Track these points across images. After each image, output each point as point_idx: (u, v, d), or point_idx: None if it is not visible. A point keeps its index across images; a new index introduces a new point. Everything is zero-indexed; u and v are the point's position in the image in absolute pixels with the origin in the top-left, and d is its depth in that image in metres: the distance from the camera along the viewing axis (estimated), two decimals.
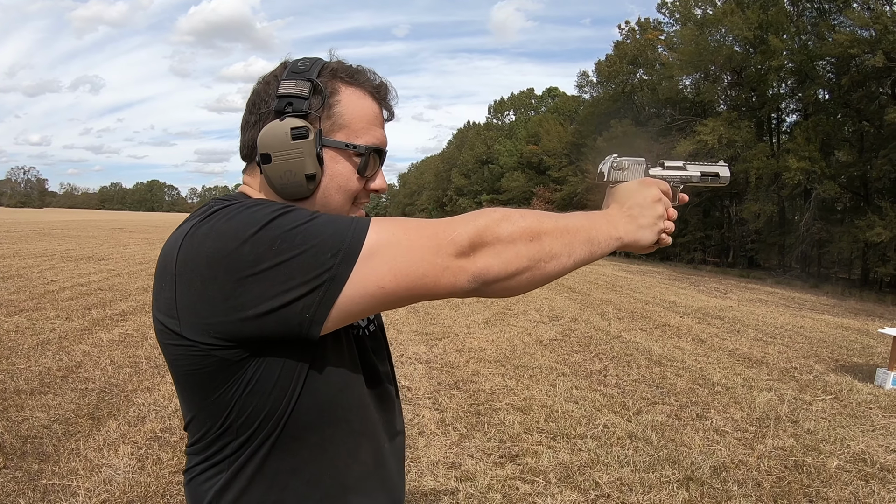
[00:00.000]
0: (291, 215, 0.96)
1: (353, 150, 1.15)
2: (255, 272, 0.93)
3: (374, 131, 1.19)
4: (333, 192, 1.16)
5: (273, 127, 1.10)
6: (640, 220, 1.26)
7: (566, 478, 4.49)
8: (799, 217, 30.40)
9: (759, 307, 15.57)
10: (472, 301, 13.23)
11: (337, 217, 1.01)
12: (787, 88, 31.58)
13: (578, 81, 52.46)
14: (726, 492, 4.37)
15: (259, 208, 0.97)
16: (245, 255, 0.93)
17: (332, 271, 0.95)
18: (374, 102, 1.20)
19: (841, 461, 5.03)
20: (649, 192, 1.28)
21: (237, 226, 0.95)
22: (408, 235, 0.99)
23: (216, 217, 0.98)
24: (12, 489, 3.88)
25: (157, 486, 4.01)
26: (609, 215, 1.24)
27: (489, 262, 1.01)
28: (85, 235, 30.19)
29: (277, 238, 0.93)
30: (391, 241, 0.97)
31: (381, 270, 0.96)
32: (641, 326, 11.13)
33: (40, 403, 5.38)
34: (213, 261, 0.94)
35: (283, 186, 1.12)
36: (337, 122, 1.14)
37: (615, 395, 6.60)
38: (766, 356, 9.04)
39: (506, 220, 1.03)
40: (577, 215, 1.17)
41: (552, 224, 1.09)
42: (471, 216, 1.03)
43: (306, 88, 1.11)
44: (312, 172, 1.11)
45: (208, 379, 1.03)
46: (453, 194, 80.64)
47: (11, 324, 8.38)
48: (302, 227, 0.95)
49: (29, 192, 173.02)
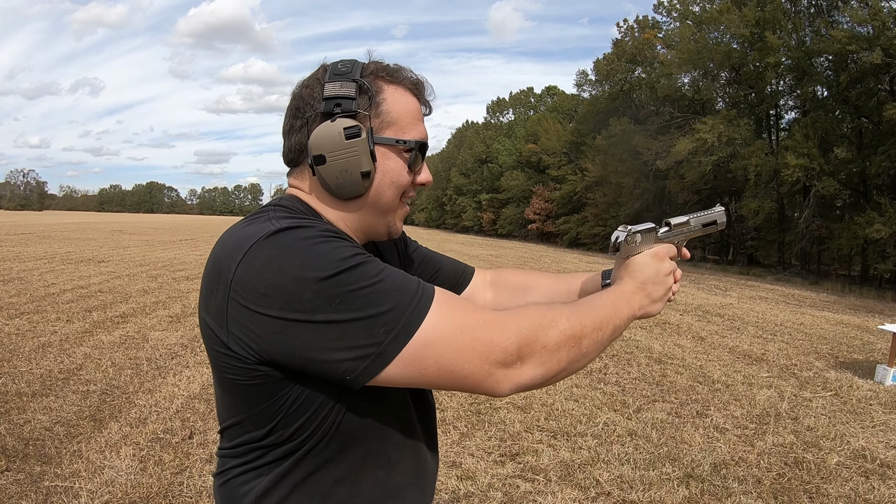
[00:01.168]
0: (358, 272, 0.96)
1: (404, 146, 1.18)
2: (309, 320, 0.94)
3: (418, 126, 1.22)
4: (386, 188, 1.19)
5: (325, 128, 1.11)
6: (654, 294, 1.34)
7: (567, 476, 4.50)
8: (798, 214, 30.42)
9: (758, 304, 15.58)
10: None
11: (401, 284, 1.00)
12: (785, 85, 31.61)
13: (577, 80, 52.61)
14: (726, 489, 4.38)
15: (327, 249, 0.97)
16: (304, 300, 0.94)
17: (381, 347, 0.95)
18: (414, 98, 1.23)
19: (841, 458, 5.04)
20: (662, 268, 1.35)
21: (301, 265, 0.95)
22: (463, 335, 0.98)
23: (281, 243, 0.98)
24: (14, 491, 3.89)
25: (159, 488, 4.02)
26: (626, 295, 1.28)
27: (534, 372, 1.03)
28: (85, 238, 30.16)
29: (339, 296, 0.94)
30: (445, 338, 0.97)
31: (428, 362, 0.97)
32: (641, 324, 11.12)
33: (42, 406, 5.39)
34: (271, 293, 0.95)
35: (339, 186, 1.15)
36: (385, 120, 1.17)
37: (615, 394, 6.61)
38: (766, 353, 9.05)
39: (552, 326, 1.05)
40: (605, 303, 1.21)
41: (591, 323, 1.12)
42: (520, 317, 1.04)
43: (352, 89, 1.13)
44: (367, 170, 1.14)
45: (254, 391, 1.04)
46: (452, 193, 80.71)
47: (12, 326, 8.39)
48: (364, 291, 0.95)
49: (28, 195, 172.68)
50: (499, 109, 76.79)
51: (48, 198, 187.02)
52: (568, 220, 49.70)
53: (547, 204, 54.68)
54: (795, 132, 27.54)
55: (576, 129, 51.09)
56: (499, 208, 66.11)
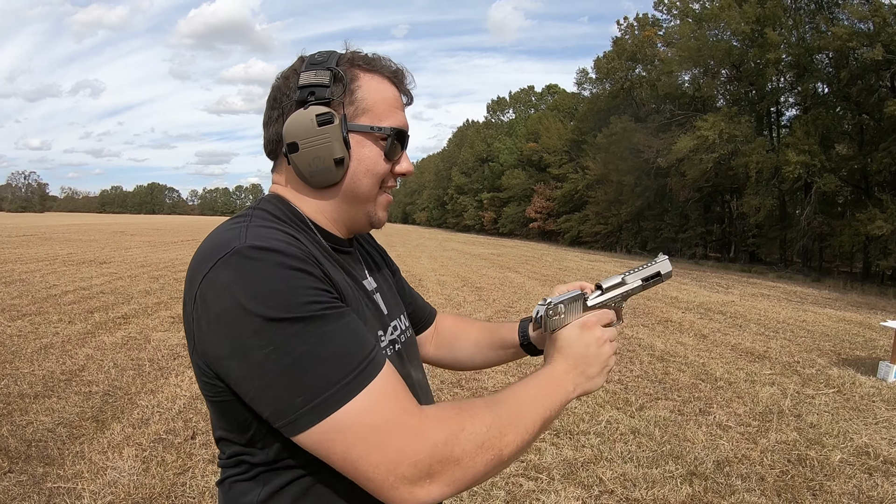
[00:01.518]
0: (304, 325, 0.92)
1: (379, 133, 1.16)
2: (242, 358, 0.93)
3: (396, 114, 1.20)
4: (361, 177, 1.17)
5: (298, 115, 1.11)
6: (589, 371, 1.21)
7: (569, 474, 4.50)
8: (800, 211, 30.42)
9: (760, 302, 15.57)
10: (474, 299, 13.26)
11: (348, 349, 0.94)
12: (785, 82, 31.61)
13: (578, 78, 52.70)
14: (730, 486, 4.37)
15: (285, 286, 0.93)
16: (244, 335, 0.92)
17: (296, 416, 0.92)
18: (392, 87, 1.21)
19: (844, 454, 5.03)
20: (592, 338, 1.23)
21: (253, 298, 0.92)
22: (379, 435, 0.91)
23: (242, 266, 0.95)
24: (17, 493, 3.89)
25: (162, 488, 4.02)
26: (557, 378, 1.18)
27: (441, 490, 0.95)
28: (86, 239, 30.20)
29: (273, 344, 0.91)
30: (360, 431, 0.91)
31: (336, 448, 0.92)
32: (643, 322, 11.12)
33: (44, 407, 5.39)
34: (221, 317, 0.94)
35: (312, 174, 1.14)
36: (360, 107, 1.15)
37: (618, 392, 6.60)
38: (769, 351, 9.04)
39: (469, 438, 0.96)
40: (533, 395, 1.11)
41: (514, 428, 1.03)
42: (438, 425, 0.95)
43: (327, 77, 1.13)
44: (341, 156, 1.12)
45: (222, 405, 1.04)
46: (454, 192, 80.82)
47: (14, 328, 8.39)
48: (300, 350, 0.91)
49: (29, 197, 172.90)
50: (499, 108, 76.82)
51: (49, 199, 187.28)
52: (569, 218, 49.75)
53: (548, 202, 54.73)
54: (796, 129, 27.52)
55: (576, 128, 51.14)
56: (500, 207, 66.17)
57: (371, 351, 0.97)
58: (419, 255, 27.47)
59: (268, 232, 1.02)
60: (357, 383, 0.92)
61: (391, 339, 1.24)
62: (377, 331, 1.17)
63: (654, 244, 39.92)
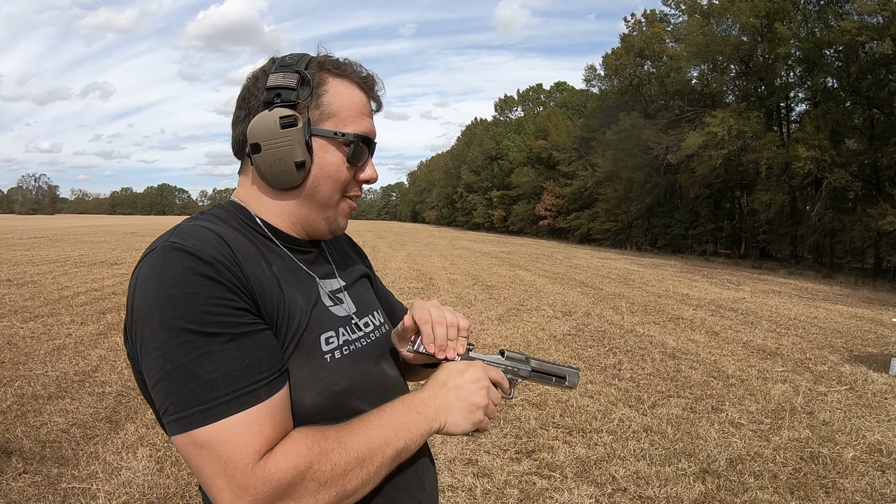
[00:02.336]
0: (193, 338, 0.93)
1: (342, 139, 1.16)
2: (142, 351, 0.95)
3: (362, 120, 1.19)
4: (323, 182, 1.17)
5: (262, 117, 1.12)
6: (456, 403, 1.17)
7: (583, 472, 4.50)
8: (810, 207, 30.29)
9: (772, 298, 15.52)
10: (485, 297, 13.25)
11: (231, 370, 0.94)
12: (795, 77, 31.48)
13: (586, 75, 52.51)
14: (742, 484, 4.36)
15: (186, 293, 0.94)
16: (145, 332, 0.94)
17: (167, 420, 0.94)
18: (361, 93, 1.21)
19: (857, 452, 5.01)
20: (473, 376, 1.20)
21: (156, 299, 0.94)
22: (226, 467, 0.91)
23: (157, 265, 0.97)
24: (32, 493, 3.91)
25: (177, 488, 4.04)
26: (419, 405, 1.14)
27: None
28: (97, 241, 30.35)
29: (162, 348, 0.92)
30: (211, 457, 0.91)
31: (191, 460, 0.94)
32: (655, 320, 11.11)
33: (58, 408, 5.42)
34: (134, 310, 0.97)
35: (273, 175, 1.13)
36: (325, 112, 1.15)
37: (630, 389, 6.60)
38: (781, 347, 9.01)
39: (310, 476, 0.95)
40: (386, 424, 1.08)
41: (357, 466, 1.00)
42: (285, 465, 0.93)
43: (294, 80, 1.13)
44: (301, 160, 1.12)
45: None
46: (463, 191, 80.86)
47: (27, 330, 8.44)
48: (181, 360, 0.92)
49: (40, 199, 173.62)
50: (508, 106, 76.77)
51: (60, 201, 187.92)
52: (579, 215, 49.73)
53: (557, 200, 54.68)
54: (806, 124, 27.43)
55: (585, 125, 51.02)
56: (509, 205, 66.18)
57: (251, 382, 0.96)
58: (429, 254, 27.49)
59: (198, 231, 1.03)
60: (219, 411, 0.92)
61: (358, 335, 1.22)
62: (328, 331, 1.14)
63: (663, 241, 39.87)
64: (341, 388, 1.12)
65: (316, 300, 1.17)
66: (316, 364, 1.09)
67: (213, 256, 0.98)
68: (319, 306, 1.17)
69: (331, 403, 1.10)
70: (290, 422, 1.01)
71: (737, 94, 34.04)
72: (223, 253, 1.00)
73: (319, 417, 1.07)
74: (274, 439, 0.95)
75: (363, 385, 1.18)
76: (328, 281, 1.25)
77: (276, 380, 0.99)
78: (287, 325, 1.06)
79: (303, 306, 1.12)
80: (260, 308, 1.02)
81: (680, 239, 38.85)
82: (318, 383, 1.09)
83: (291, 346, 1.06)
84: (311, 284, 1.19)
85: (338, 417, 1.09)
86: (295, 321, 1.08)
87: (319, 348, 1.11)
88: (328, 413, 1.09)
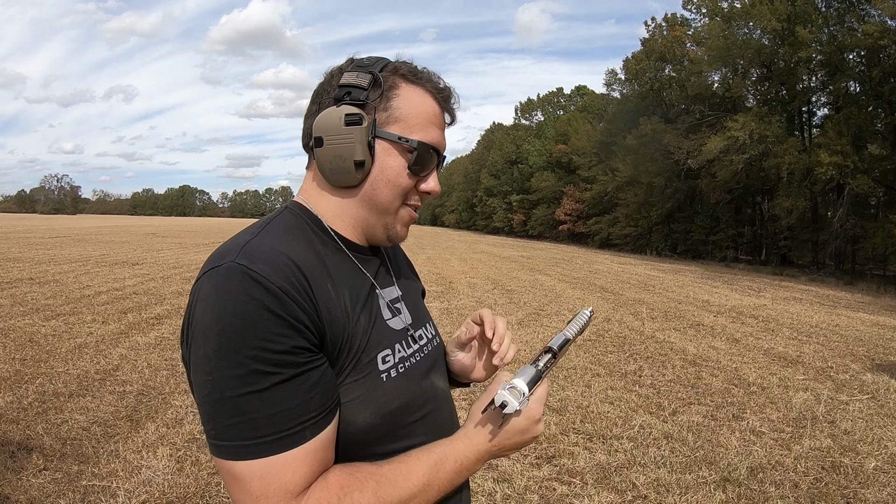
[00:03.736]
0: (246, 372, 0.92)
1: (406, 144, 1.14)
2: (194, 368, 0.97)
3: (431, 130, 1.17)
4: (382, 186, 1.15)
5: (329, 112, 1.11)
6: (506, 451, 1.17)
7: (603, 479, 4.47)
8: (832, 213, 29.97)
9: (793, 305, 15.37)
10: (505, 302, 13.24)
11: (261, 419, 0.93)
12: (817, 81, 31.17)
13: (606, 79, 52.28)
14: (763, 493, 4.32)
15: (247, 323, 0.92)
16: (199, 353, 0.95)
17: (209, 441, 0.96)
18: (434, 103, 1.19)
19: (878, 462, 4.95)
20: (534, 430, 1.19)
21: (214, 323, 0.93)
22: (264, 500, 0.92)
23: (220, 285, 0.96)
24: (52, 490, 3.94)
25: (196, 488, 4.05)
26: (469, 460, 1.12)
27: None
28: (118, 241, 30.61)
29: (211, 377, 0.93)
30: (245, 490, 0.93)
31: (227, 486, 0.96)
32: (675, 326, 11.04)
33: (79, 406, 5.47)
34: (193, 325, 0.97)
35: (332, 171, 1.13)
36: (393, 115, 1.14)
37: (650, 396, 6.56)
38: (802, 355, 8.92)
39: None
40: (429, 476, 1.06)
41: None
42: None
43: (366, 80, 1.12)
44: (361, 160, 1.11)
45: None
46: (483, 195, 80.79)
47: (49, 328, 8.52)
48: (227, 396, 0.92)
49: (62, 199, 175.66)
50: (528, 110, 76.71)
51: (82, 202, 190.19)
52: (599, 220, 49.53)
53: (577, 204, 54.49)
54: (828, 129, 27.18)
55: (606, 129, 50.80)
56: (529, 209, 66.08)
57: (297, 423, 0.95)
58: (449, 258, 27.49)
59: (268, 252, 1.01)
60: (259, 450, 0.93)
61: (412, 350, 1.21)
62: (385, 349, 1.13)
63: (684, 246, 39.63)
64: (395, 408, 1.11)
65: (376, 315, 1.16)
66: (372, 384, 1.08)
67: (281, 286, 0.96)
68: (379, 322, 1.15)
69: (383, 422, 1.10)
70: (331, 458, 1.01)
71: (758, 99, 33.80)
72: (293, 281, 0.98)
73: (371, 436, 1.08)
74: (311, 479, 0.96)
75: (415, 402, 1.17)
76: (388, 290, 1.24)
77: (323, 418, 0.99)
78: (349, 349, 1.06)
79: (364, 326, 1.10)
80: (325, 338, 1.01)
81: (700, 244, 38.60)
82: (373, 403, 1.08)
83: (349, 368, 1.06)
84: (372, 296, 1.17)
85: (387, 435, 1.10)
86: (356, 343, 1.07)
87: (376, 367, 1.10)
88: (379, 431, 1.09)
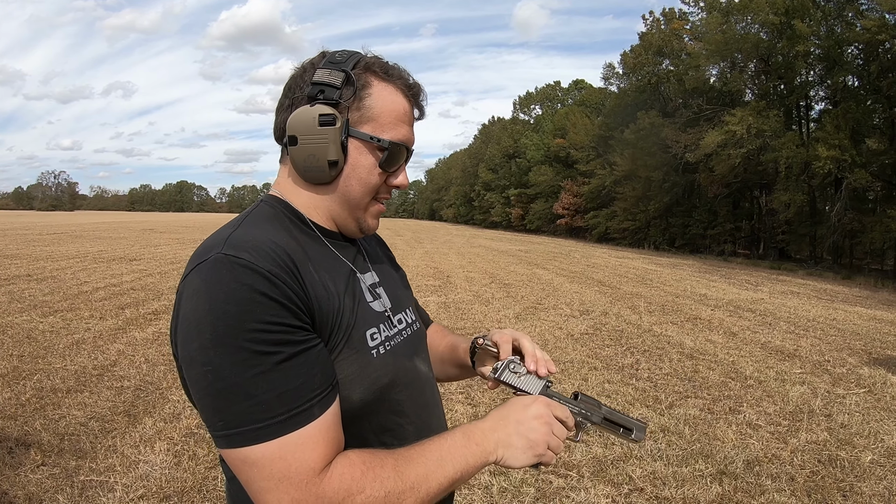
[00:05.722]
0: (244, 357, 0.93)
1: (377, 144, 1.16)
2: (189, 364, 0.97)
3: (401, 128, 1.20)
4: (354, 183, 1.18)
5: (303, 111, 1.13)
6: (516, 440, 1.16)
7: (599, 472, 4.48)
8: (830, 207, 29.94)
9: (790, 299, 15.38)
10: (503, 296, 13.25)
11: (271, 399, 0.94)
12: (815, 76, 31.13)
13: (604, 73, 52.14)
14: (759, 486, 4.33)
15: (241, 309, 0.93)
16: (192, 347, 0.95)
17: (215, 435, 0.96)
18: (405, 100, 1.21)
19: (875, 455, 4.96)
20: (538, 412, 1.19)
21: (208, 313, 0.94)
22: (278, 484, 0.93)
23: (210, 277, 0.97)
24: (50, 485, 3.95)
25: (194, 482, 4.06)
26: (478, 437, 1.14)
27: None
28: (116, 237, 30.57)
29: (211, 364, 0.93)
30: (263, 474, 0.93)
31: (241, 475, 0.96)
32: (672, 320, 11.06)
33: (77, 401, 5.48)
34: (182, 322, 0.98)
35: (306, 170, 1.15)
36: (365, 115, 1.16)
37: (647, 389, 6.57)
38: (799, 349, 8.94)
39: (361, 500, 0.96)
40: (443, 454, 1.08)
41: (412, 495, 1.01)
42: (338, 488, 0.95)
43: (339, 79, 1.13)
44: (335, 159, 1.13)
45: None
46: (481, 189, 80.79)
47: (47, 324, 8.53)
48: (230, 381, 0.92)
49: (60, 196, 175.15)
50: (526, 104, 76.64)
51: (79, 198, 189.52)
52: (597, 214, 49.51)
53: (576, 199, 54.47)
54: (826, 123, 27.14)
55: (604, 123, 50.77)
56: (527, 203, 66.02)
57: (305, 401, 0.97)
58: (447, 252, 27.51)
59: (252, 239, 1.03)
60: (274, 430, 0.94)
61: (394, 331, 1.25)
62: (371, 327, 1.17)
63: (682, 240, 39.63)
64: (385, 383, 1.15)
65: (360, 297, 1.19)
66: (364, 360, 1.11)
67: (269, 269, 0.98)
68: (362, 302, 1.19)
69: (376, 398, 1.13)
70: (342, 435, 1.03)
71: (756, 93, 33.75)
72: (280, 263, 1.01)
73: (364, 412, 1.11)
74: (329, 455, 0.98)
75: (401, 379, 1.20)
76: (366, 275, 1.27)
77: (328, 395, 1.01)
78: (338, 326, 1.08)
79: (350, 305, 1.13)
80: (315, 317, 1.03)
81: (698, 239, 38.59)
82: (366, 379, 1.11)
83: (341, 345, 1.08)
84: (353, 279, 1.20)
85: (379, 410, 1.14)
86: (345, 320, 1.10)
87: (367, 344, 1.14)
88: (372, 407, 1.13)
